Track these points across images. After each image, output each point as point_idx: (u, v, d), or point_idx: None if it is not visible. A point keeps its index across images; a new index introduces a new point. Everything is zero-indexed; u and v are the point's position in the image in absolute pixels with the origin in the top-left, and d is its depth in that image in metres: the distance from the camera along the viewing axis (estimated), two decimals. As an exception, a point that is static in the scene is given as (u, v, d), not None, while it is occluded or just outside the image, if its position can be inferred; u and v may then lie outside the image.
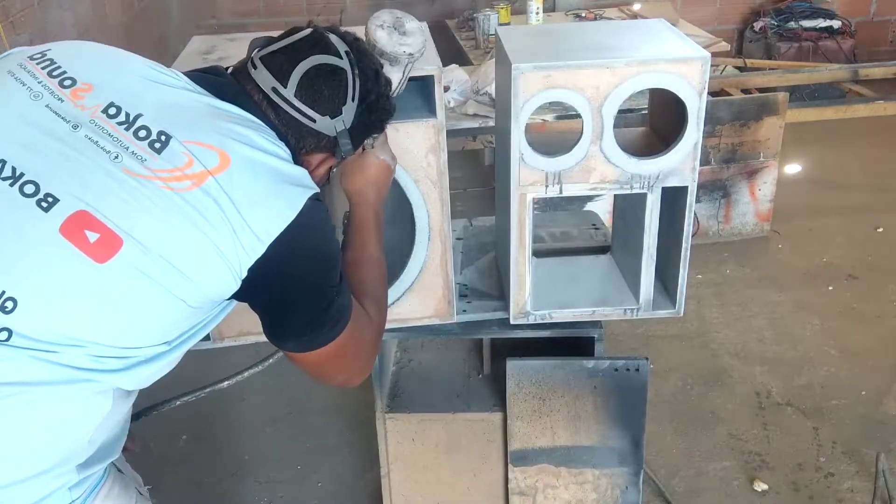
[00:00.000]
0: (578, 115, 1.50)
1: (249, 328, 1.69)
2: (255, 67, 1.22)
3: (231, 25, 5.28)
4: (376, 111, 1.31)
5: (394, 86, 1.39)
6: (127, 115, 1.09)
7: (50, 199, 1.03)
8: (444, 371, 2.05)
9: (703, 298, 3.34)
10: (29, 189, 1.03)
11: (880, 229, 3.82)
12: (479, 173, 4.44)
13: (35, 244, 1.02)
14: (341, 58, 1.23)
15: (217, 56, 1.63)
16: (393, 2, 5.64)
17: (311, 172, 1.24)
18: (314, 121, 1.22)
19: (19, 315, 1.00)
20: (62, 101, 1.10)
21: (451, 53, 4.59)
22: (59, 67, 1.13)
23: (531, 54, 1.51)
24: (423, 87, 1.56)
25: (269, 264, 1.10)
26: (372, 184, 1.41)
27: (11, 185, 1.03)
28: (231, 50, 1.67)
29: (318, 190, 1.17)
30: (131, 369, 1.10)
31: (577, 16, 5.03)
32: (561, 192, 1.58)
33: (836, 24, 5.59)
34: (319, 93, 1.22)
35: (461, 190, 4.13)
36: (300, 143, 1.24)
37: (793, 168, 4.33)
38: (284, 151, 1.17)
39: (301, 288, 1.17)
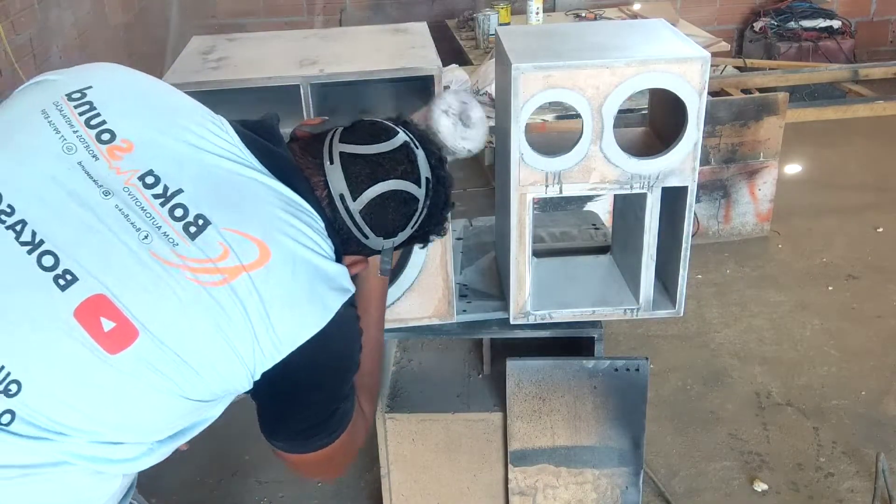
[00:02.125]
0: (578, 115, 1.50)
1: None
2: (331, 162, 1.12)
3: (231, 25, 5.28)
4: (423, 237, 1.25)
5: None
6: (165, 187, 0.99)
7: (68, 277, 0.95)
8: (444, 371, 2.05)
9: (703, 298, 3.34)
10: (48, 261, 0.95)
11: (880, 229, 3.82)
12: (479, 173, 4.44)
13: (46, 326, 0.95)
14: (420, 186, 1.15)
15: (217, 56, 1.63)
16: (393, 2, 5.65)
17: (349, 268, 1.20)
18: (367, 237, 1.16)
19: (22, 399, 0.94)
20: (97, 159, 1.00)
21: (451, 53, 4.60)
22: (98, 115, 1.03)
23: (531, 54, 1.51)
24: (423, 87, 1.56)
25: (284, 369, 1.04)
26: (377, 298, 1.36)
27: (30, 252, 0.95)
28: (231, 50, 1.67)
29: (353, 291, 1.11)
30: (131, 461, 1.05)
31: (577, 16, 5.03)
32: (561, 192, 1.58)
33: (836, 24, 5.60)
34: (385, 216, 1.15)
35: (461, 190, 4.13)
36: (344, 247, 1.16)
37: (793, 168, 4.33)
38: (329, 247, 1.09)
39: (310, 396, 1.12)
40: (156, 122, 1.06)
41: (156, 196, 0.99)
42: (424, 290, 1.69)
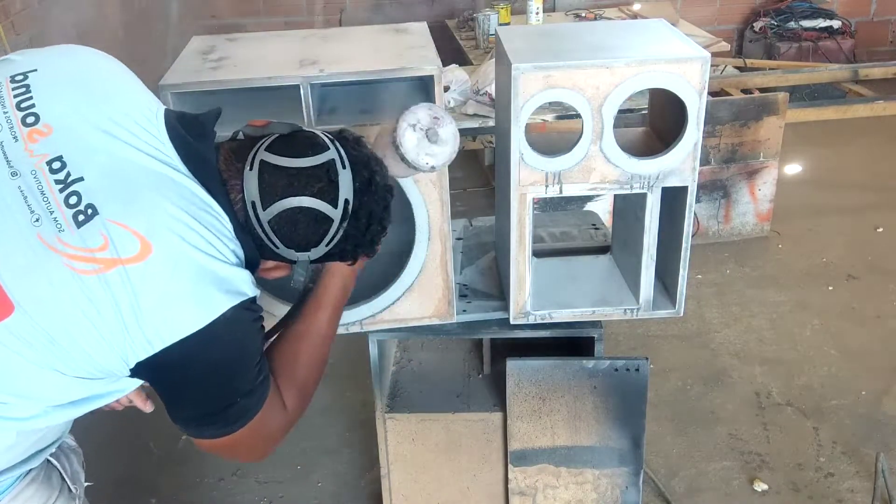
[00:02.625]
0: (578, 115, 1.50)
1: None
2: (250, 168, 1.13)
3: (231, 25, 5.28)
4: (349, 255, 1.24)
5: (408, 177, 1.36)
6: (68, 174, 1.04)
7: None
8: (444, 371, 2.05)
9: (703, 298, 3.34)
10: None
11: (880, 229, 3.82)
12: (479, 173, 4.44)
13: None
14: (336, 207, 1.15)
15: (217, 56, 1.63)
16: (393, 2, 5.65)
17: (262, 269, 1.22)
18: (277, 247, 1.17)
19: None
20: (16, 140, 1.06)
21: (451, 53, 4.60)
22: (30, 98, 1.09)
23: (531, 54, 1.51)
24: (423, 87, 1.56)
25: (160, 363, 1.06)
26: (349, 277, 1.35)
27: None
28: (231, 50, 1.67)
29: (249, 296, 1.11)
30: (23, 420, 1.09)
31: (577, 16, 5.03)
32: (561, 192, 1.58)
33: (836, 24, 5.60)
34: (294, 231, 1.15)
35: (461, 190, 4.13)
36: (261, 251, 1.17)
37: (793, 168, 4.33)
38: (229, 251, 1.10)
39: (196, 390, 1.14)
40: (83, 109, 1.10)
41: (57, 182, 1.04)
42: (424, 290, 1.69)
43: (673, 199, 1.61)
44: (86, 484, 1.32)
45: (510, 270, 1.66)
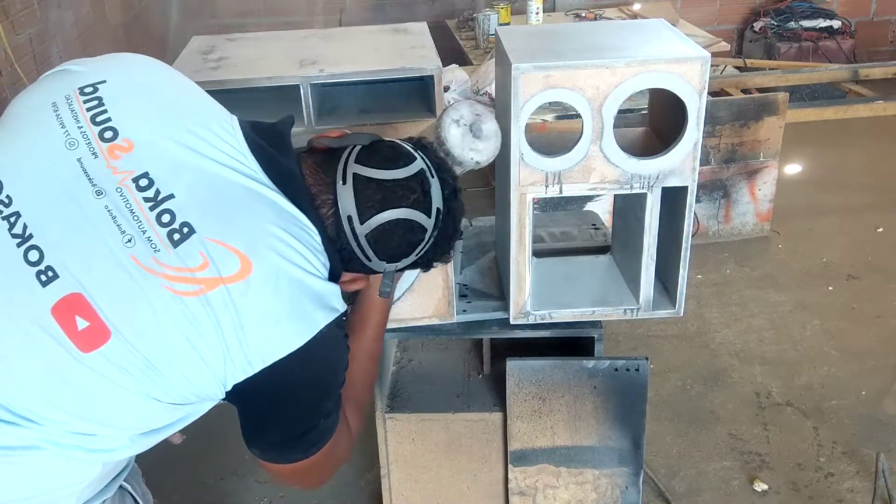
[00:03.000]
0: (578, 115, 1.50)
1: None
2: (343, 182, 1.11)
3: (231, 25, 5.28)
4: (429, 265, 1.26)
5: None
6: (157, 191, 1.00)
7: (50, 274, 0.97)
8: (444, 371, 2.05)
9: (703, 298, 3.34)
10: (33, 256, 0.98)
11: (880, 229, 3.82)
12: (479, 173, 4.44)
13: (24, 319, 0.98)
14: (430, 216, 1.15)
15: (217, 56, 1.63)
16: (393, 2, 5.65)
17: (340, 282, 1.17)
18: (370, 260, 1.15)
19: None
20: (96, 157, 1.01)
21: (451, 53, 4.60)
22: (105, 112, 1.04)
23: (531, 54, 1.51)
24: (423, 87, 1.56)
25: (259, 382, 1.04)
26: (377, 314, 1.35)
27: (19, 245, 0.98)
28: (231, 50, 1.67)
29: (342, 311, 1.10)
30: (108, 451, 1.07)
31: (577, 16, 5.03)
32: (561, 192, 1.58)
33: (836, 24, 5.60)
34: (390, 242, 1.14)
35: (461, 190, 4.13)
36: (346, 266, 1.16)
37: (793, 168, 4.33)
38: (321, 265, 1.08)
39: (287, 411, 1.13)
40: (161, 122, 1.05)
41: (146, 199, 0.99)
42: (424, 290, 1.69)
43: (673, 199, 1.61)
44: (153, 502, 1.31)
45: (510, 270, 1.66)
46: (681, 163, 1.55)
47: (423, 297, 1.69)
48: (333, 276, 1.12)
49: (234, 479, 2.53)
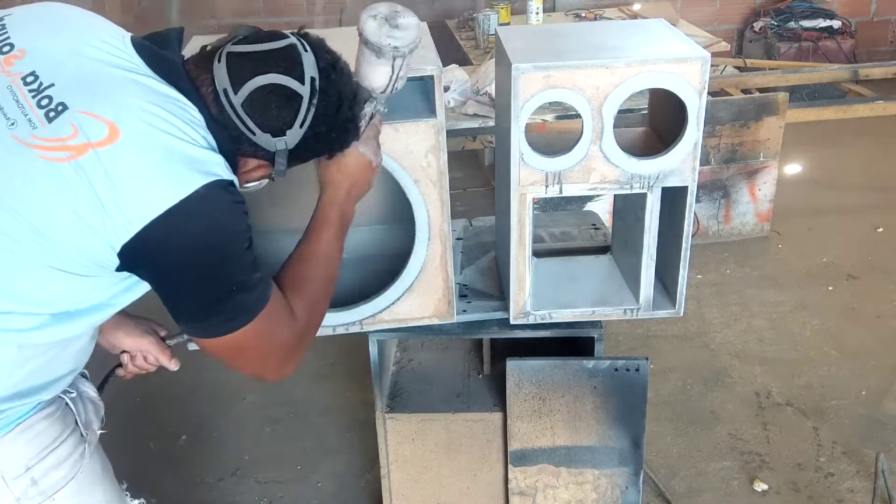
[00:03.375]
0: (578, 115, 1.50)
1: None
2: (219, 61, 1.20)
3: (231, 25, 5.26)
4: (326, 141, 1.28)
5: (385, 82, 1.35)
6: (40, 83, 1.11)
7: None
8: (444, 371, 2.05)
9: (703, 298, 3.34)
10: None
11: (880, 229, 3.82)
12: (479, 173, 4.44)
13: None
14: (303, 83, 1.20)
15: (217, 56, 1.63)
16: (393, 2, 5.64)
17: (242, 172, 1.25)
18: (254, 133, 1.20)
19: None
20: None
21: (451, 53, 4.59)
22: (5, 32, 1.17)
23: (531, 54, 1.51)
24: (423, 87, 1.56)
25: (145, 245, 1.10)
26: (346, 177, 1.38)
27: None
28: (231, 50, 1.67)
29: (224, 178, 1.15)
30: (25, 331, 1.13)
31: (577, 16, 5.03)
32: (561, 192, 1.58)
33: (836, 24, 5.60)
34: (267, 111, 1.19)
35: (461, 190, 4.13)
36: (237, 146, 1.22)
37: (793, 168, 4.33)
38: (201, 138, 1.15)
39: (185, 276, 1.16)
40: (54, 35, 1.18)
41: (31, 91, 1.11)
42: (424, 290, 1.69)
43: (673, 199, 1.61)
44: (99, 432, 1.35)
45: (510, 270, 1.66)
46: (681, 163, 1.55)
47: (423, 297, 1.69)
48: (227, 157, 1.18)
49: (234, 479, 2.53)
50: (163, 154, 1.10)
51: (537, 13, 4.63)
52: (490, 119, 3.27)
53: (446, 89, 3.37)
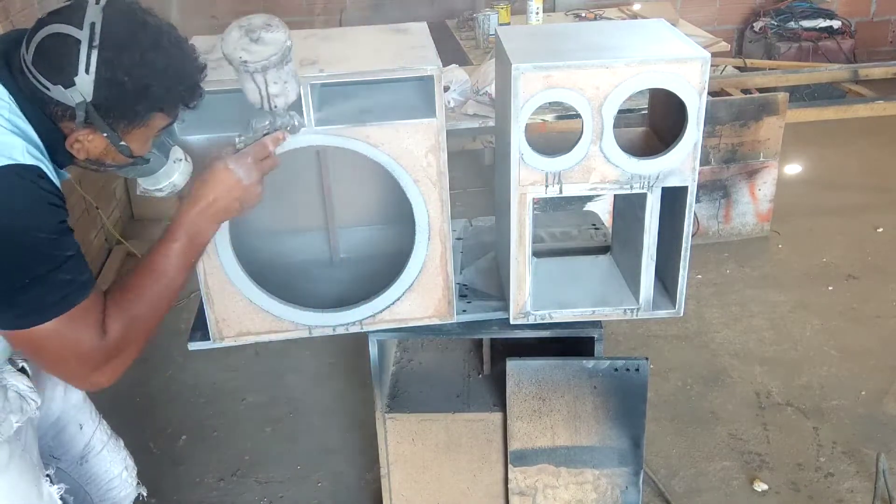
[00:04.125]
0: (578, 115, 1.50)
1: (249, 328, 1.69)
2: (28, 36, 1.22)
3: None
4: (137, 92, 1.22)
5: (255, 98, 1.35)
6: None
7: None
8: (444, 371, 2.05)
9: (703, 298, 3.34)
10: None
11: (880, 229, 3.82)
12: (479, 173, 4.44)
13: None
14: (81, 28, 1.18)
15: (217, 56, 1.62)
16: (393, 2, 5.65)
17: (84, 143, 1.24)
18: (48, 89, 1.19)
19: None
20: None
21: (451, 53, 4.59)
22: None
23: (531, 54, 1.51)
24: (423, 87, 1.56)
25: None
26: (206, 192, 1.34)
27: None
28: (231, 50, 1.67)
29: (23, 162, 1.14)
30: None
31: (577, 16, 5.03)
32: (561, 192, 1.58)
33: (836, 24, 5.60)
34: (49, 61, 1.19)
35: (461, 190, 4.13)
36: (48, 111, 1.22)
37: (793, 168, 4.33)
38: (6, 121, 1.16)
39: None
40: None
41: None
42: (424, 290, 1.69)
43: (673, 199, 1.61)
44: (17, 424, 1.36)
45: (510, 270, 1.66)
46: (681, 163, 1.55)
47: (423, 297, 1.69)
48: (50, 143, 1.21)
49: (234, 480, 2.53)
50: None
51: (537, 13, 4.63)
52: (490, 119, 3.27)
53: (446, 89, 3.37)
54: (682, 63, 1.46)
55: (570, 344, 1.83)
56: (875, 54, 5.79)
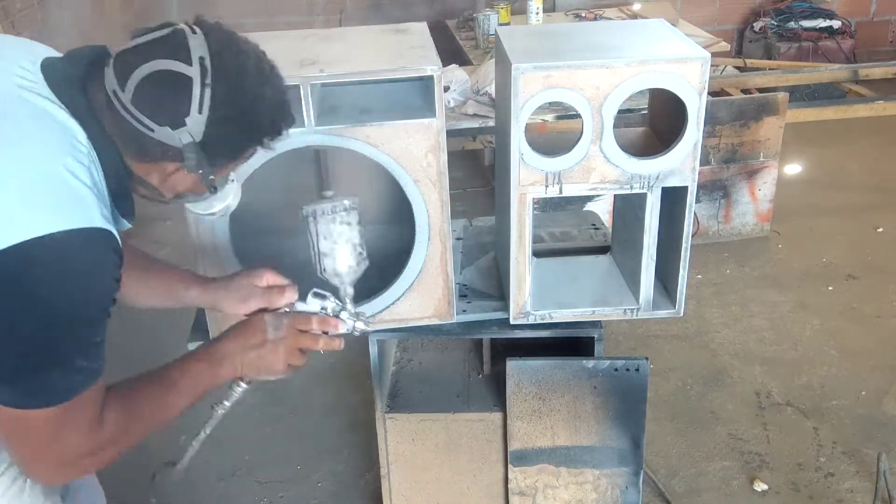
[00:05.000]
0: (578, 115, 1.50)
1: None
2: (108, 66, 1.11)
3: (231, 25, 5.27)
4: (241, 127, 1.15)
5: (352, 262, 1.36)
6: None
7: None
8: (444, 371, 2.05)
9: (703, 298, 3.34)
10: None
11: (880, 229, 3.82)
12: (479, 173, 4.44)
13: None
14: (191, 65, 1.09)
15: (217, 56, 1.63)
16: (393, 2, 5.65)
17: (167, 179, 1.16)
18: (152, 130, 1.10)
19: None
20: None
21: (451, 53, 4.59)
22: None
23: (531, 54, 1.51)
24: (423, 87, 1.56)
25: None
26: (240, 351, 1.30)
27: None
28: (231, 50, 1.67)
29: (94, 226, 1.04)
30: None
31: (577, 16, 5.03)
32: (561, 192, 1.58)
33: (836, 24, 5.60)
34: (158, 102, 1.09)
35: (461, 190, 4.13)
36: (142, 151, 1.12)
37: (793, 168, 4.33)
38: (86, 172, 1.06)
39: (15, 325, 1.02)
40: None
41: None
42: (424, 290, 1.68)
43: (673, 199, 1.61)
44: None
45: (510, 270, 1.66)
46: (681, 163, 1.55)
47: (423, 297, 1.69)
48: (118, 188, 1.12)
49: (233, 480, 2.53)
50: (13, 192, 1.00)
51: (537, 13, 4.63)
52: (490, 119, 3.27)
53: (446, 89, 3.37)
54: (682, 63, 1.46)
55: (570, 344, 1.83)
56: (875, 54, 5.78)
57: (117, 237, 1.10)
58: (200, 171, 1.15)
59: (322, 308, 1.38)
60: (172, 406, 1.27)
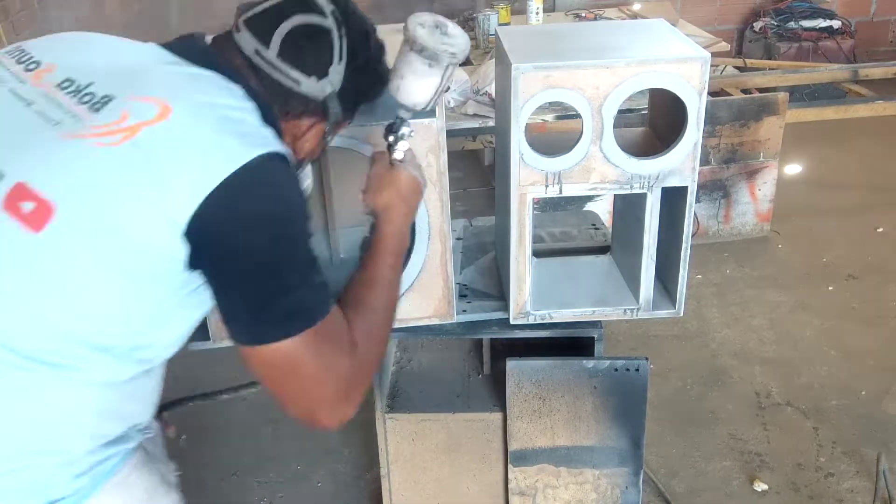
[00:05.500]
0: (578, 115, 1.50)
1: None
2: (238, 31, 1.18)
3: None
4: (367, 74, 1.25)
5: (430, 95, 1.33)
6: (78, 85, 1.09)
7: None
8: (444, 371, 2.05)
9: (703, 298, 3.34)
10: None
11: (880, 229, 3.82)
12: (479, 173, 4.44)
13: None
14: (326, 17, 1.18)
15: (217, 56, 1.63)
16: (393, 2, 5.65)
17: (300, 138, 1.23)
18: (299, 83, 1.18)
19: None
20: (23, 83, 1.12)
21: (451, 53, 4.59)
22: (27, 55, 1.17)
23: (531, 54, 1.51)
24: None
25: (206, 224, 1.02)
26: (402, 200, 1.34)
27: None
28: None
29: (276, 150, 1.09)
30: (106, 359, 1.06)
31: (577, 16, 5.02)
32: (561, 192, 1.58)
33: (836, 24, 5.60)
34: (304, 54, 1.17)
35: (461, 190, 4.13)
36: (286, 107, 1.19)
37: (793, 168, 4.34)
38: (250, 112, 1.12)
39: (244, 258, 1.06)
40: (82, 50, 1.18)
41: (69, 92, 1.09)
42: (424, 290, 1.69)
43: (673, 199, 1.61)
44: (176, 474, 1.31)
45: (510, 270, 1.66)
46: (681, 163, 1.55)
47: (423, 297, 1.69)
48: (273, 124, 1.15)
49: (234, 480, 2.53)
50: (217, 123, 1.06)
51: (537, 13, 4.63)
52: (490, 119, 3.27)
53: (446, 89, 3.37)
54: (682, 63, 1.46)
55: (569, 344, 1.83)
56: (875, 54, 5.78)
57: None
58: (326, 128, 1.24)
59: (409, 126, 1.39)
60: (393, 302, 1.30)
